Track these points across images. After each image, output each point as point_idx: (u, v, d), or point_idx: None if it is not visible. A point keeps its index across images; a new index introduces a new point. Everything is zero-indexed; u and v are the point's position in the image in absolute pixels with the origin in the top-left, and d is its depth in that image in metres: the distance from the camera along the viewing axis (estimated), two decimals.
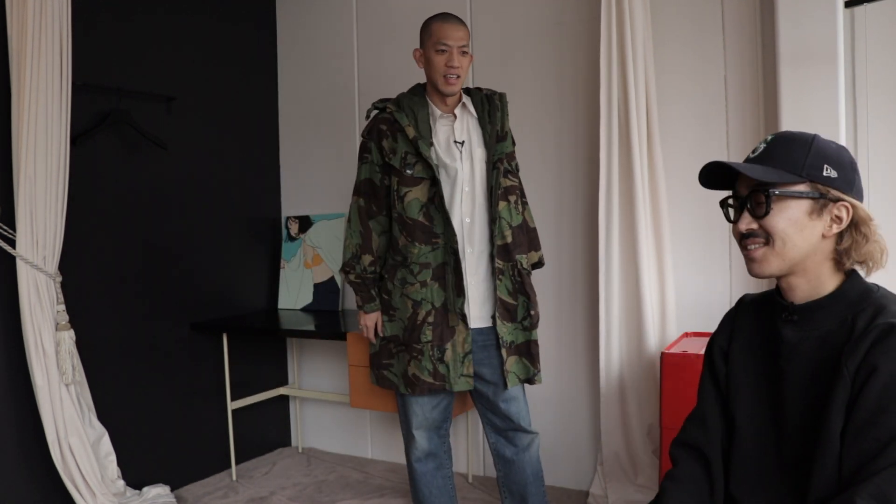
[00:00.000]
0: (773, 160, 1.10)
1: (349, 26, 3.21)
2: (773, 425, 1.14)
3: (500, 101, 2.14)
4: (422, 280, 2.03)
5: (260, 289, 3.36)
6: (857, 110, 2.22)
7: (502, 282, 2.05)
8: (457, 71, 2.02)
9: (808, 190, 1.08)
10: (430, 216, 2.02)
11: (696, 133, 2.48)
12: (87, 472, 2.36)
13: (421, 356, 2.02)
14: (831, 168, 1.08)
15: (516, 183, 2.14)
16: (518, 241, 2.10)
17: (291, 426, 3.47)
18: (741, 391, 1.20)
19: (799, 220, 1.08)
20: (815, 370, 1.09)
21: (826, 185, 1.07)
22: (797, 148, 1.09)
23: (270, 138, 3.43)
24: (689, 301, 2.50)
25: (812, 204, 1.08)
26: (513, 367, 2.05)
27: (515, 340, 2.07)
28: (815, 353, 1.09)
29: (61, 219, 2.35)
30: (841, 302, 1.09)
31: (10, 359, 2.32)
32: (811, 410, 1.08)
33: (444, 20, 2.06)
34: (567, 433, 2.76)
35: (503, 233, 2.06)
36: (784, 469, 1.12)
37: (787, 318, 1.13)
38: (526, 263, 2.12)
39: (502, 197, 2.07)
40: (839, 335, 1.07)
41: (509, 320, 2.06)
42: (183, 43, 2.96)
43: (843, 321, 1.08)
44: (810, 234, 1.08)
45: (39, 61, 2.25)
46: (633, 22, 2.35)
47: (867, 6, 2.16)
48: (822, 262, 1.10)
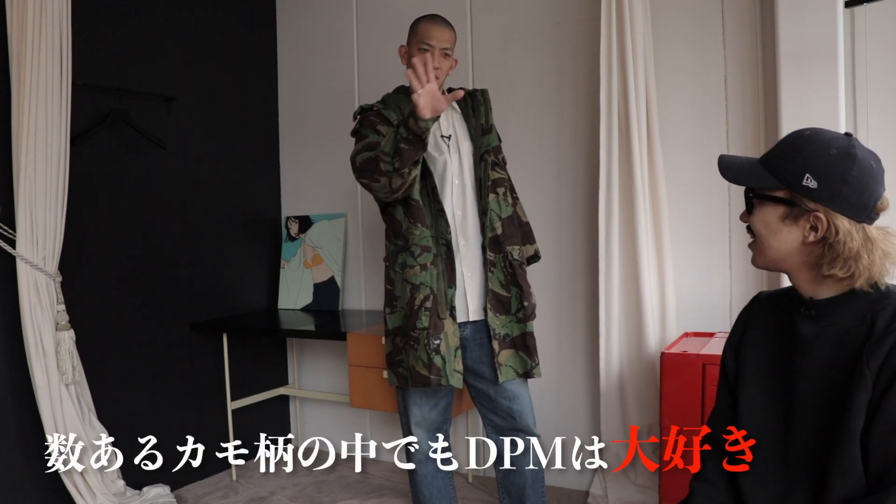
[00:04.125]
0: (772, 159, 1.14)
1: (349, 26, 3.21)
2: (780, 420, 1.15)
3: (483, 96, 2.16)
4: (422, 263, 1.99)
5: (260, 289, 3.36)
6: (857, 110, 2.22)
7: (494, 274, 2.05)
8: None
9: (783, 196, 1.10)
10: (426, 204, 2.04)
11: (696, 133, 2.48)
12: (86, 471, 2.36)
13: (417, 345, 1.97)
14: (812, 178, 1.08)
15: (504, 176, 2.14)
16: (508, 232, 2.09)
17: (291, 426, 3.47)
18: (748, 384, 1.21)
19: (772, 223, 1.12)
20: (831, 367, 1.10)
21: (802, 194, 1.08)
22: (789, 154, 1.11)
23: (270, 138, 3.43)
24: (689, 301, 2.50)
25: (786, 210, 1.10)
26: (508, 360, 2.04)
27: (510, 333, 2.05)
28: (831, 349, 1.11)
29: (61, 219, 2.35)
30: (862, 300, 1.10)
31: (10, 359, 2.32)
32: (824, 407, 1.09)
33: (432, 21, 2.07)
34: (567, 433, 2.75)
35: (493, 224, 2.05)
36: (789, 464, 1.13)
37: (805, 313, 1.15)
38: (517, 255, 2.11)
39: (491, 189, 2.07)
40: (858, 333, 1.08)
41: (503, 312, 2.05)
42: (183, 43, 2.96)
43: (861, 319, 1.09)
44: (785, 238, 1.11)
45: (39, 61, 2.25)
46: (633, 22, 2.35)
47: (867, 6, 2.16)
48: (800, 265, 1.13)
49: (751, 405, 1.19)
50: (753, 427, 1.18)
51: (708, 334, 2.40)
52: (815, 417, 1.10)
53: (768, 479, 1.15)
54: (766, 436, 1.16)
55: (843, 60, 2.11)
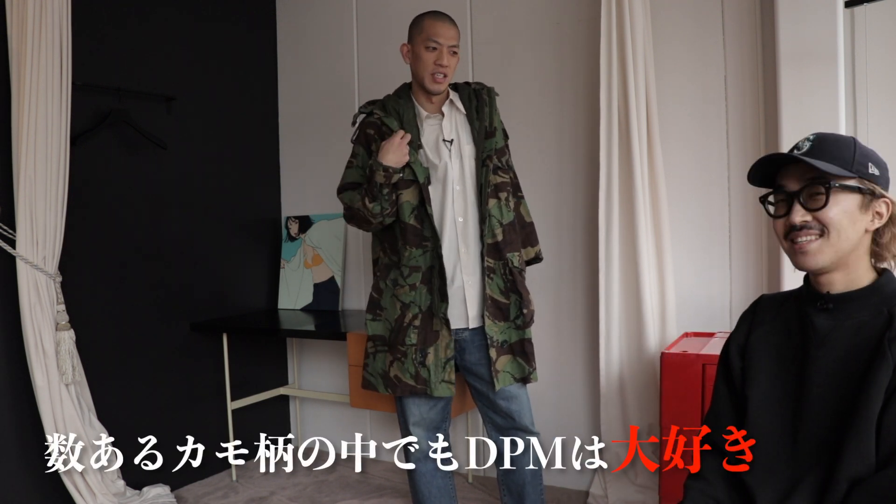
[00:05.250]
0: (823, 155, 1.13)
1: (349, 26, 3.21)
2: (791, 415, 1.16)
3: (489, 95, 2.12)
4: (411, 283, 2.02)
5: (260, 289, 3.36)
6: (857, 110, 2.22)
7: (493, 280, 2.04)
8: (445, 70, 2.00)
9: (858, 185, 1.13)
10: (421, 219, 2.01)
11: (696, 133, 2.48)
12: (86, 471, 2.36)
13: (405, 358, 2.02)
14: (874, 166, 1.14)
15: (507, 179, 2.11)
16: (509, 238, 2.07)
17: (291, 426, 3.47)
18: (759, 381, 1.22)
19: (852, 212, 1.13)
20: (848, 356, 1.12)
21: (871, 181, 1.13)
22: (844, 146, 1.15)
23: (270, 138, 3.43)
24: (689, 301, 2.50)
25: (861, 198, 1.13)
26: (506, 366, 2.04)
27: (509, 339, 2.06)
28: (848, 340, 1.13)
29: (61, 219, 2.35)
30: (878, 294, 1.13)
31: (10, 359, 2.32)
32: (839, 396, 1.10)
33: (437, 17, 2.04)
34: (567, 433, 2.75)
35: (493, 231, 2.04)
36: (798, 458, 1.13)
37: (821, 307, 1.16)
38: (517, 262, 2.09)
39: (492, 194, 2.05)
40: (876, 325, 1.11)
41: (501, 319, 2.05)
42: (183, 43, 2.96)
43: (878, 312, 1.12)
44: (859, 227, 1.13)
45: (39, 61, 2.25)
46: (633, 22, 2.35)
47: (867, 6, 2.16)
48: (862, 255, 1.15)
49: (761, 402, 1.19)
50: (763, 424, 1.18)
51: (708, 334, 2.40)
52: (829, 407, 1.11)
53: (776, 474, 1.16)
54: (777, 432, 1.16)
55: (843, 60, 2.11)
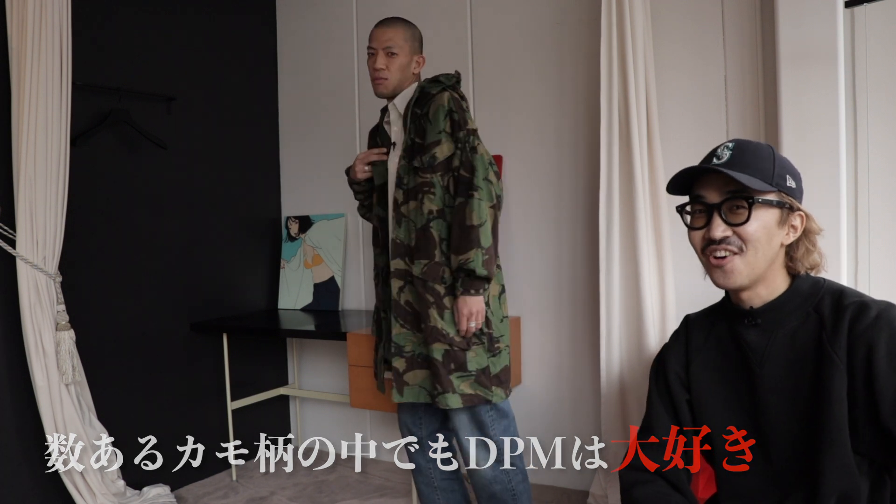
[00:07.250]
0: (745, 167, 1.09)
1: (349, 26, 3.21)
2: (755, 434, 1.13)
3: (432, 86, 1.95)
4: (376, 281, 2.13)
5: (260, 289, 3.36)
6: (857, 110, 2.21)
7: (405, 288, 1.96)
8: (380, 73, 1.97)
9: (778, 199, 1.09)
10: (377, 220, 2.10)
11: (696, 133, 2.47)
12: (86, 471, 2.36)
13: (376, 354, 2.17)
14: (791, 178, 1.10)
15: (427, 179, 1.90)
16: (420, 245, 1.92)
17: (291, 426, 3.47)
18: (712, 411, 1.18)
19: (770, 227, 1.09)
20: (791, 369, 1.09)
21: (789, 195, 1.10)
22: (764, 157, 1.11)
23: (270, 138, 3.43)
24: (689, 301, 2.49)
25: (780, 213, 1.10)
26: (417, 380, 1.98)
27: (414, 351, 1.97)
28: (786, 351, 1.10)
29: (61, 219, 2.35)
30: (797, 297, 1.11)
31: (10, 359, 2.32)
32: (798, 409, 1.07)
33: (378, 23, 2.03)
34: (567, 433, 2.75)
35: (409, 235, 1.95)
36: (778, 475, 1.11)
37: (749, 324, 1.13)
38: (418, 272, 1.92)
39: (412, 196, 1.94)
40: (808, 328, 1.08)
41: (410, 328, 1.97)
42: (183, 43, 2.96)
43: (806, 315, 1.09)
44: (776, 242, 1.10)
45: (39, 61, 2.25)
46: (633, 22, 2.35)
47: (867, 6, 2.16)
48: (778, 268, 1.13)
49: (720, 430, 1.16)
50: (732, 449, 1.15)
51: None
52: (792, 420, 1.08)
53: (756, 496, 1.13)
54: None
55: (843, 60, 2.11)
